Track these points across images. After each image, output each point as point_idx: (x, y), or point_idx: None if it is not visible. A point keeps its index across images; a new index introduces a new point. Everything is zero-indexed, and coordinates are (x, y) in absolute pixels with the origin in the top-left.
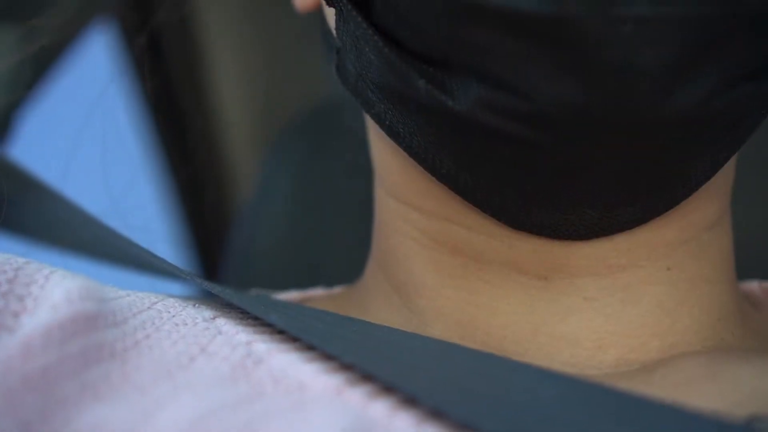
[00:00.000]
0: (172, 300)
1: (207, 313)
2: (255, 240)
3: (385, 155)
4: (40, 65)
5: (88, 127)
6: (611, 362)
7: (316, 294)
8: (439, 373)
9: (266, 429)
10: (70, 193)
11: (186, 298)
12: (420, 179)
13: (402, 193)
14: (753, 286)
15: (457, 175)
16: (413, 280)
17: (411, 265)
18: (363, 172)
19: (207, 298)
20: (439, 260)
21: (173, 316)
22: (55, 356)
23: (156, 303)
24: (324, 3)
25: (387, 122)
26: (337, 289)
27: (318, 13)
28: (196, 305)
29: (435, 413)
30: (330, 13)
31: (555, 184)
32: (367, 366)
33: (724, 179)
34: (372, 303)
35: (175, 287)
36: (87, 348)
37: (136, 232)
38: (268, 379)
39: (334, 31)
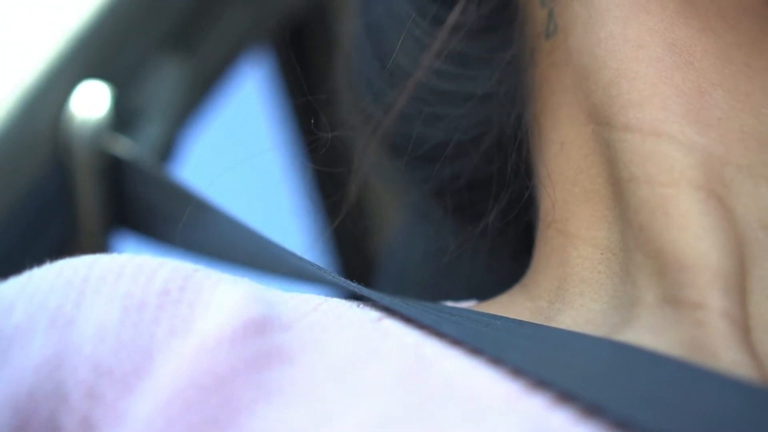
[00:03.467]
0: (335, 301)
1: (372, 314)
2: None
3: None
4: (202, 90)
5: (245, 149)
6: None
7: (470, 305)
8: (620, 380)
9: None
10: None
11: (349, 298)
12: None
13: None
14: None
15: None
16: None
17: None
18: None
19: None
20: None
21: (339, 317)
22: (230, 359)
23: (321, 304)
24: None
25: None
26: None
27: None
28: (360, 305)
29: (620, 424)
30: None
31: None
32: (544, 373)
33: None
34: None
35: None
36: (258, 352)
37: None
38: (440, 385)
39: None
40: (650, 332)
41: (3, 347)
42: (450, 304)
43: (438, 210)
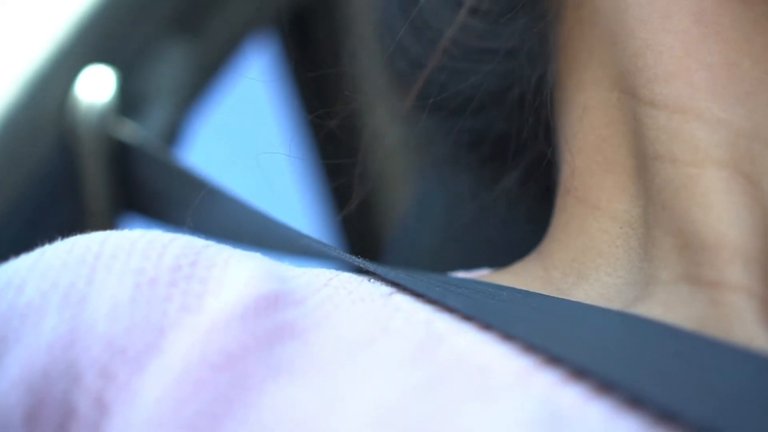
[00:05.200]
0: (346, 275)
1: (384, 288)
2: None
3: None
4: (208, 74)
5: (251, 132)
6: None
7: (483, 274)
8: (632, 355)
9: (453, 417)
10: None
11: (359, 272)
12: None
13: None
14: None
15: None
16: None
17: None
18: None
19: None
20: None
21: (350, 292)
22: (242, 336)
23: (332, 279)
24: None
25: None
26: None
27: None
28: (371, 280)
29: (632, 401)
30: None
31: None
32: (555, 348)
33: None
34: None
35: None
36: (272, 328)
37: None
38: (451, 362)
39: None
40: (663, 307)
41: (16, 325)
42: (462, 273)
43: (456, 171)
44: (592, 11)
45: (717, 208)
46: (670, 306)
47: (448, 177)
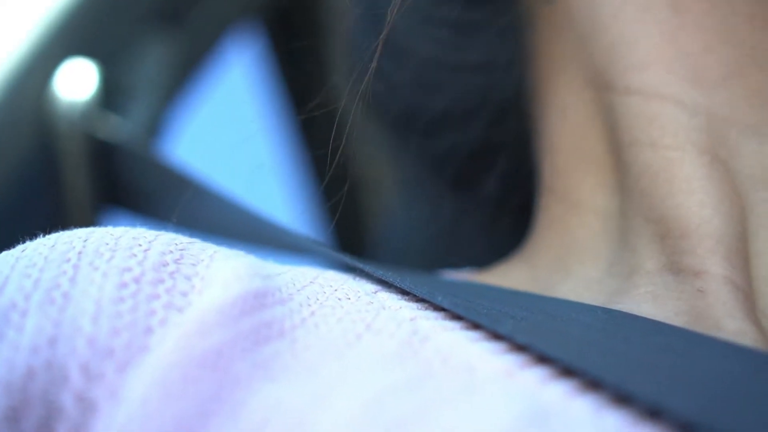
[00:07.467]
0: (331, 273)
1: (368, 286)
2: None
3: None
4: (191, 67)
5: (236, 127)
6: None
7: (468, 273)
8: (617, 351)
9: (437, 413)
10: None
11: (346, 270)
12: None
13: None
14: None
15: None
16: None
17: None
18: None
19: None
20: None
21: (335, 290)
22: (229, 334)
23: (317, 277)
24: None
25: None
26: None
27: None
28: (356, 278)
29: (618, 398)
30: None
31: None
32: (540, 347)
33: None
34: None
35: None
36: (258, 326)
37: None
38: (436, 359)
39: None
40: (650, 301)
41: None
42: (448, 273)
43: (438, 182)
44: (565, 13)
45: (698, 193)
46: (657, 299)
47: (429, 183)
